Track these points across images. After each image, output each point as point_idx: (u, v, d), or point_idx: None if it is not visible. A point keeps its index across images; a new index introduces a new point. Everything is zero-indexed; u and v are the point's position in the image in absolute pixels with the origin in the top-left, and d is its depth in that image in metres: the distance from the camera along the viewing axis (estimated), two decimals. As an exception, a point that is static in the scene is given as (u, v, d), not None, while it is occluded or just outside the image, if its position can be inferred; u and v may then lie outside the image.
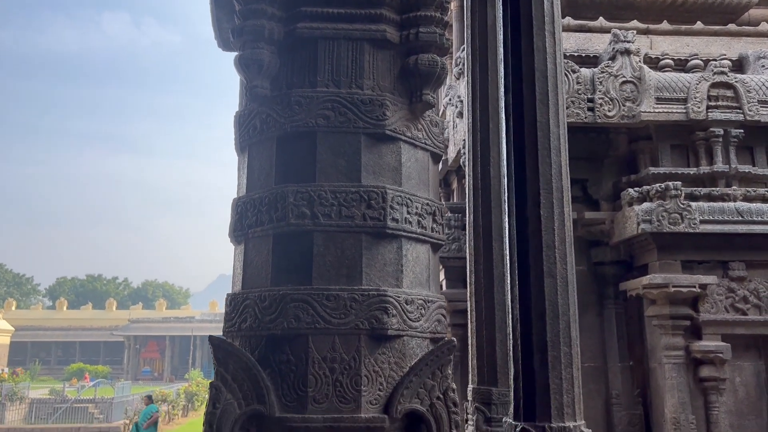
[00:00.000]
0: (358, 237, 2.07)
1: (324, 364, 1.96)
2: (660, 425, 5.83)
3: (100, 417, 24.27)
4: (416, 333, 2.07)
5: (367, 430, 1.92)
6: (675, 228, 5.61)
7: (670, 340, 5.68)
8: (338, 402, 1.94)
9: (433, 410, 1.95)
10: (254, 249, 2.18)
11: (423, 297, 2.12)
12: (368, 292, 2.02)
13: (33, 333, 53.00)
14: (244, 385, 1.94)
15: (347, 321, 1.98)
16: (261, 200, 2.15)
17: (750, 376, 5.79)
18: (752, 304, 5.71)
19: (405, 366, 2.01)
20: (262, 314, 2.03)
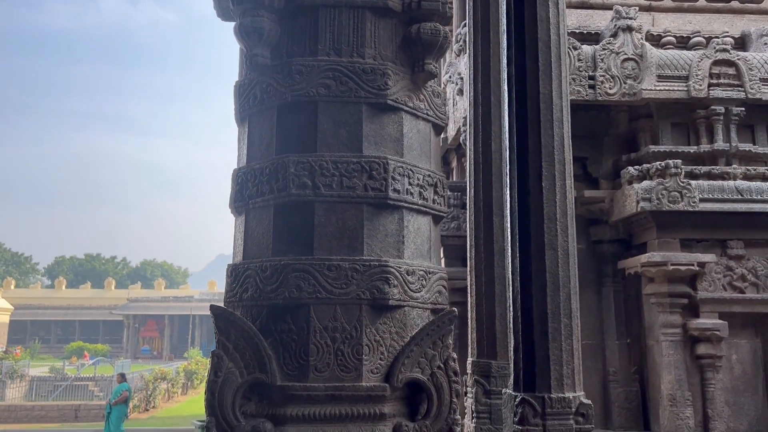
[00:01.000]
0: (360, 207, 2.07)
1: (325, 333, 1.97)
2: (656, 402, 5.88)
3: (100, 395, 24.44)
4: (417, 304, 2.07)
5: (369, 398, 1.93)
6: (674, 206, 5.61)
7: (667, 317, 5.71)
8: (340, 371, 1.95)
9: (434, 379, 1.96)
10: (255, 220, 2.17)
11: (424, 268, 2.12)
12: (369, 263, 2.02)
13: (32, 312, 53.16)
14: (246, 353, 1.95)
15: (348, 291, 1.99)
16: (262, 170, 2.14)
17: (746, 353, 5.83)
18: (750, 282, 5.73)
19: (406, 336, 2.02)
20: (263, 284, 2.03)
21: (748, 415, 5.73)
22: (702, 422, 5.62)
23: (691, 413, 5.54)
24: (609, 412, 6.14)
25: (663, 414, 5.62)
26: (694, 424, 5.55)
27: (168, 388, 26.88)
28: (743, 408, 5.73)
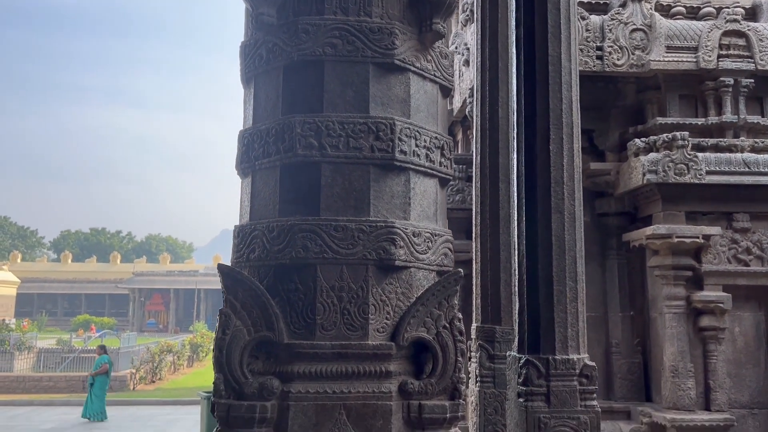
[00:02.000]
0: (366, 169, 2.07)
1: (332, 292, 1.98)
2: (658, 373, 5.92)
3: (107, 366, 24.69)
4: (423, 265, 2.08)
5: (375, 356, 1.95)
6: (681, 179, 5.58)
7: (671, 290, 5.72)
8: (346, 329, 1.97)
9: (439, 338, 1.98)
10: (261, 180, 2.17)
11: (430, 230, 2.13)
12: (376, 224, 2.02)
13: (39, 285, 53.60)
14: (253, 312, 1.96)
15: (355, 251, 1.99)
16: (268, 131, 2.14)
17: (749, 326, 5.85)
18: (755, 255, 5.73)
19: (412, 296, 2.03)
20: (270, 244, 2.04)
21: (749, 387, 5.77)
22: (703, 393, 5.66)
23: (693, 384, 5.58)
24: (611, 383, 6.19)
25: (665, 385, 5.67)
26: (695, 395, 5.59)
27: (174, 360, 27.18)
28: (745, 380, 5.77)
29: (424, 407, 1.94)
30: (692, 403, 5.55)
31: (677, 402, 5.56)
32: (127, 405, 20.61)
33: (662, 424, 5.54)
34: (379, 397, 1.92)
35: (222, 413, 1.92)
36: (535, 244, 2.26)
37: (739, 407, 5.73)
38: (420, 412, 1.94)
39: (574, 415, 2.14)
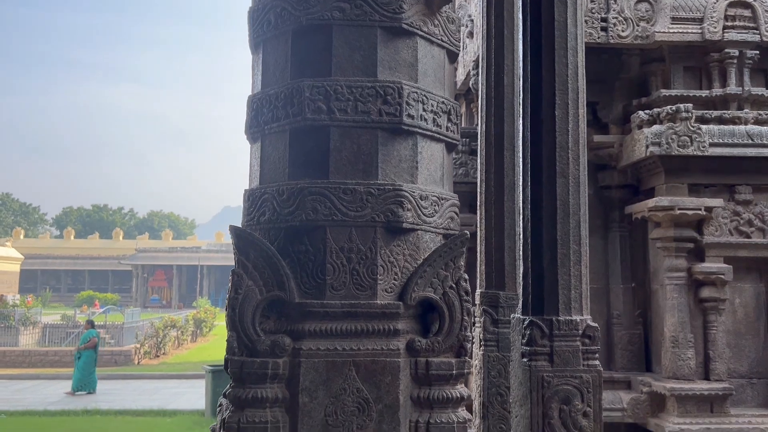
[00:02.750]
0: (374, 132, 2.09)
1: (341, 254, 2.03)
2: (659, 344, 6.00)
3: (112, 342, 24.97)
4: (430, 228, 2.12)
5: (383, 315, 2.00)
6: (684, 151, 5.60)
7: (673, 261, 5.77)
8: (355, 289, 2.01)
9: (445, 298, 2.02)
10: (271, 145, 2.20)
11: (437, 194, 2.16)
12: (384, 187, 2.06)
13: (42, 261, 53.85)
14: (265, 272, 2.01)
15: (363, 214, 2.03)
16: (277, 96, 2.16)
17: (750, 297, 5.90)
18: (756, 227, 5.76)
19: (419, 258, 2.08)
20: (280, 207, 2.08)
21: (748, 357, 5.85)
22: (703, 363, 5.74)
23: (693, 354, 5.66)
24: (612, 353, 6.27)
25: (665, 355, 5.74)
26: (695, 365, 5.67)
27: (178, 335, 27.41)
28: (744, 350, 5.84)
29: (431, 364, 1.99)
30: (692, 373, 5.63)
31: (677, 372, 5.65)
32: (132, 379, 20.86)
33: (662, 393, 5.63)
34: (387, 354, 1.98)
35: (236, 370, 1.97)
36: (540, 209, 2.30)
37: (737, 377, 5.81)
38: (427, 368, 1.99)
39: (576, 374, 2.19)
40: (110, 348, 24.01)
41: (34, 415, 14.34)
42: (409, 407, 1.98)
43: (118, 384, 19.90)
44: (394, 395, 1.95)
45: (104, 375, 20.98)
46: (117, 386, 19.42)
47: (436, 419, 1.98)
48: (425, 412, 1.99)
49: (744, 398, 5.79)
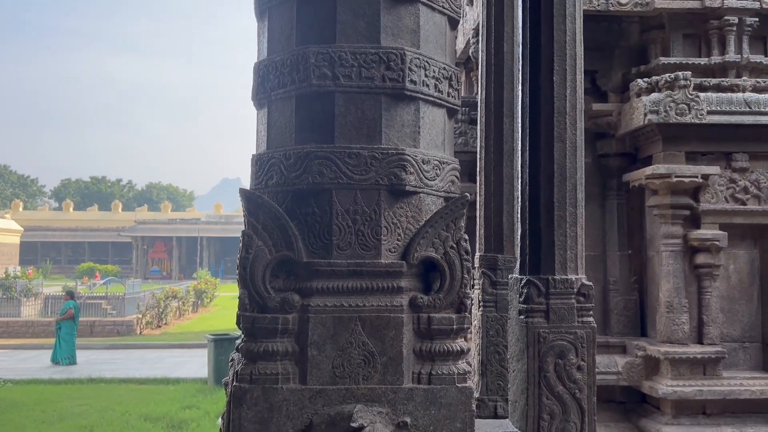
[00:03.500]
0: (378, 98, 2.16)
1: (347, 215, 2.11)
2: (654, 309, 6.13)
3: (113, 312, 25.21)
4: (432, 191, 2.20)
5: (387, 274, 2.09)
6: (682, 119, 5.65)
7: (669, 229, 5.87)
8: (360, 249, 2.10)
9: (446, 257, 2.11)
10: (277, 111, 2.27)
11: (438, 158, 2.23)
12: (387, 151, 2.13)
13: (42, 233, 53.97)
14: (274, 233, 2.09)
15: (368, 177, 2.11)
16: (283, 62, 2.22)
17: (744, 263, 6.02)
18: (752, 194, 5.85)
19: (421, 220, 2.16)
20: (287, 171, 2.15)
21: (741, 322, 5.98)
22: (697, 328, 5.88)
23: (687, 319, 5.79)
24: (608, 319, 6.41)
25: (660, 320, 5.88)
26: (689, 329, 5.80)
27: (179, 306, 27.65)
28: (737, 315, 5.98)
29: (432, 319, 2.09)
30: (685, 337, 5.77)
31: (671, 336, 5.78)
32: (134, 349, 21.13)
33: (656, 357, 5.78)
34: (391, 311, 2.07)
35: (247, 325, 2.07)
36: (538, 172, 2.38)
37: (730, 341, 5.96)
38: (429, 323, 2.09)
39: (571, 330, 2.29)
40: (112, 318, 24.27)
41: (39, 384, 14.59)
42: (412, 360, 2.08)
43: (120, 354, 20.17)
44: (398, 348, 2.05)
45: (107, 345, 21.26)
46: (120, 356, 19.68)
47: (437, 371, 2.08)
48: (427, 364, 2.09)
49: (736, 361, 5.94)
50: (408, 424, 2.02)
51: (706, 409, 5.71)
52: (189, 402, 12.66)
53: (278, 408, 2.01)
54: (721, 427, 5.62)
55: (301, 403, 2.01)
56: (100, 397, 13.29)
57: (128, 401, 12.80)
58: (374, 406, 2.01)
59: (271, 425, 2.00)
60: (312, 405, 2.01)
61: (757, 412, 5.73)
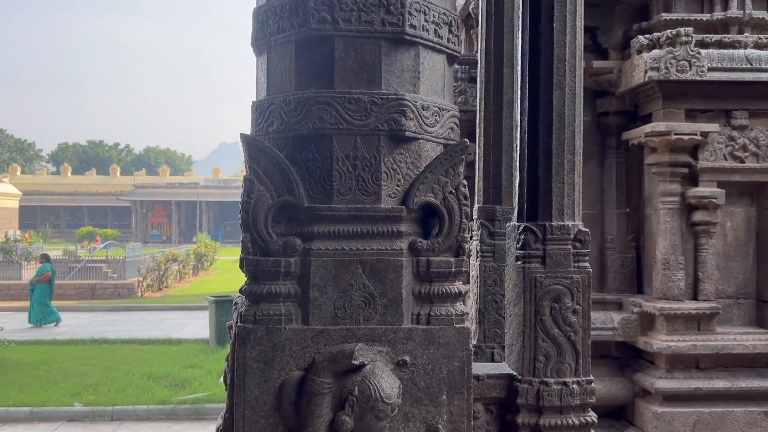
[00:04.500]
0: (378, 43, 2.15)
1: (347, 161, 2.12)
2: (650, 266, 6.19)
3: (114, 276, 25.40)
4: (431, 137, 2.21)
5: (387, 218, 2.12)
6: (682, 76, 5.63)
7: (667, 186, 5.89)
8: (361, 194, 2.12)
9: (445, 203, 2.14)
10: (277, 56, 2.26)
11: (438, 104, 2.24)
12: (387, 96, 2.13)
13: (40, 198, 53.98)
14: (275, 178, 2.11)
15: (368, 123, 2.12)
16: (282, 6, 2.21)
17: (741, 221, 6.06)
18: (751, 152, 5.86)
19: (420, 166, 2.18)
20: (288, 117, 2.16)
21: (736, 278, 6.06)
22: (692, 284, 5.95)
23: (683, 276, 5.86)
24: (605, 276, 6.48)
25: (656, 277, 5.94)
26: (684, 286, 5.88)
27: (179, 269, 27.84)
28: (732, 272, 6.05)
29: (431, 263, 2.12)
30: (681, 294, 5.85)
31: (667, 292, 5.86)
32: (136, 311, 21.36)
33: (651, 312, 5.86)
34: (391, 254, 2.11)
35: (251, 268, 2.11)
36: (537, 120, 2.39)
37: (725, 297, 6.04)
38: (428, 267, 2.13)
39: (567, 275, 2.33)
40: (113, 281, 24.46)
41: (42, 345, 14.79)
42: (411, 301, 2.13)
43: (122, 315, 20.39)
44: (398, 290, 2.09)
45: (108, 307, 21.48)
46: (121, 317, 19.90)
47: (435, 312, 2.13)
48: (426, 305, 2.14)
49: (730, 317, 6.03)
50: (407, 363, 2.08)
51: (699, 364, 5.82)
52: (191, 362, 12.87)
53: (281, 347, 2.06)
54: (713, 381, 5.74)
55: (303, 343, 2.07)
56: (104, 357, 13.49)
57: (131, 361, 13.01)
58: (375, 346, 2.06)
59: (274, 364, 2.06)
60: (314, 344, 2.06)
61: (748, 366, 5.84)
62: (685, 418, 5.69)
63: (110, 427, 9.28)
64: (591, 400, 2.40)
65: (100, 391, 10.67)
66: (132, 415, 9.68)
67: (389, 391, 1.97)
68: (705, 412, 5.69)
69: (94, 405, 9.92)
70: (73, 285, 23.68)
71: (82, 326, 17.76)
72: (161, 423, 9.50)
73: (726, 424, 5.70)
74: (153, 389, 10.69)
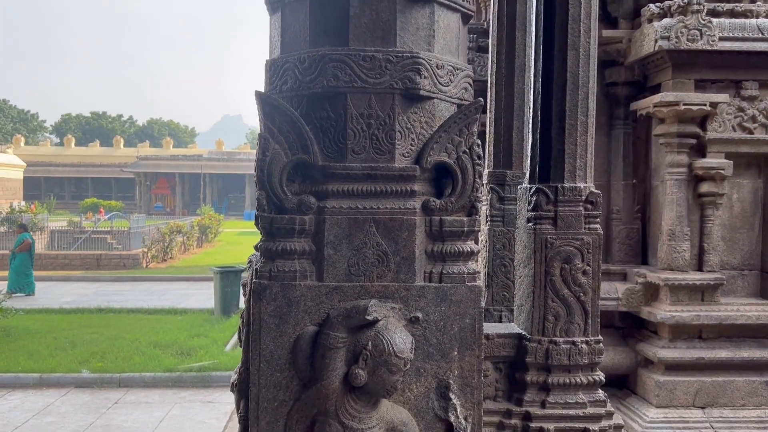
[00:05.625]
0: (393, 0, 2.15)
1: (361, 120, 2.13)
2: (656, 238, 6.21)
3: (119, 247, 25.55)
4: (445, 97, 2.21)
5: (400, 177, 2.13)
6: (693, 45, 5.58)
7: (674, 157, 5.88)
8: (375, 153, 2.13)
9: (459, 162, 2.14)
10: (291, 14, 2.26)
11: (452, 64, 2.23)
12: (402, 54, 2.13)
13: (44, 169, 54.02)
14: (290, 136, 2.12)
15: (382, 81, 2.11)
16: (297, -36, 2.20)
17: (747, 192, 6.06)
18: (760, 123, 5.83)
19: (434, 125, 2.18)
20: (302, 75, 2.16)
21: (741, 250, 6.07)
22: (697, 255, 5.97)
23: (688, 247, 5.87)
24: (610, 248, 6.50)
25: (661, 248, 5.96)
26: (689, 257, 5.90)
27: (184, 241, 27.96)
28: (738, 243, 6.06)
29: (444, 222, 2.14)
30: (686, 265, 5.87)
31: (672, 263, 5.89)
32: (141, 281, 21.53)
33: (656, 283, 5.90)
34: (404, 213, 2.12)
35: (266, 225, 2.13)
36: (551, 81, 2.38)
37: (730, 269, 6.07)
38: (441, 226, 2.14)
39: (578, 236, 2.35)
40: (118, 252, 24.61)
41: (49, 313, 14.94)
42: (424, 260, 2.15)
43: (127, 286, 20.55)
44: (411, 249, 2.11)
45: (113, 277, 21.65)
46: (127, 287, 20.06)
47: (448, 270, 2.15)
48: (438, 264, 2.16)
49: (734, 288, 6.07)
50: (419, 319, 2.11)
51: (702, 334, 5.87)
52: (197, 331, 13.02)
53: (296, 303, 2.09)
54: (716, 351, 5.79)
55: (318, 299, 2.09)
56: (110, 325, 13.64)
57: (137, 330, 13.16)
58: (388, 302, 2.09)
59: (289, 319, 2.09)
60: (328, 300, 2.09)
61: (751, 336, 5.89)
62: (686, 387, 5.76)
63: (118, 394, 9.42)
64: (599, 359, 2.43)
65: (108, 358, 10.81)
66: (139, 382, 9.83)
67: (402, 346, 2.00)
68: (707, 381, 5.76)
69: (102, 372, 10.07)
70: (79, 255, 23.85)
71: (88, 296, 17.91)
72: (168, 390, 9.64)
73: (727, 393, 5.77)
74: (159, 357, 10.83)
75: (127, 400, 9.12)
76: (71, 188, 55.16)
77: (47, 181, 54.19)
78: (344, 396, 2.01)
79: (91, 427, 7.93)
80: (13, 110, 71.21)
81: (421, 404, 2.11)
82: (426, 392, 2.12)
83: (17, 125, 69.32)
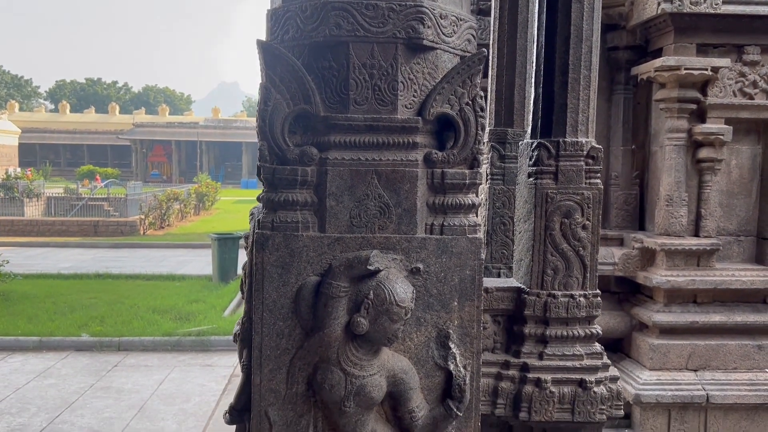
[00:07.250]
0: (396, -52, 2.11)
1: (364, 70, 2.11)
2: (653, 203, 6.23)
3: (116, 214, 25.53)
4: (448, 48, 2.18)
5: (403, 129, 2.12)
6: (696, 8, 5.53)
7: (674, 122, 5.87)
8: (377, 104, 2.11)
9: (461, 114, 2.13)
10: (293, -38, 2.22)
11: (456, 14, 2.21)
12: (405, 3, 2.10)
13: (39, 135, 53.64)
14: (292, 86, 2.10)
15: (385, 30, 2.09)
16: None
17: (746, 158, 6.07)
18: (761, 89, 5.81)
19: (437, 77, 2.16)
20: (304, 24, 2.13)
21: (738, 216, 6.11)
22: (694, 221, 6.00)
23: (686, 212, 5.90)
24: (607, 213, 6.53)
25: (659, 213, 5.99)
26: (686, 223, 5.93)
27: (181, 208, 27.93)
28: (735, 209, 6.09)
29: (446, 174, 2.14)
30: (683, 230, 5.91)
31: (669, 228, 5.92)
32: (139, 248, 21.55)
33: (652, 248, 5.94)
34: (406, 165, 2.12)
35: (268, 176, 2.13)
36: (554, 34, 2.36)
37: (726, 234, 6.11)
38: (442, 178, 2.14)
39: (579, 191, 2.36)
40: (116, 219, 24.60)
41: (48, 278, 14.99)
42: (426, 212, 2.16)
43: (125, 252, 20.59)
44: (412, 201, 2.12)
45: (111, 244, 21.67)
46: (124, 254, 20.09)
47: (449, 222, 2.16)
48: (440, 216, 2.17)
49: (730, 254, 6.11)
50: (420, 270, 2.12)
51: (696, 298, 5.93)
52: (195, 296, 13.09)
53: (299, 254, 2.10)
54: (710, 315, 5.86)
55: (320, 250, 2.10)
56: (109, 291, 13.71)
57: (136, 295, 13.22)
58: (389, 254, 2.10)
59: (292, 269, 2.10)
60: (330, 251, 2.10)
61: (745, 301, 5.96)
62: (680, 350, 5.85)
63: (117, 357, 9.52)
64: (597, 313, 2.46)
65: (107, 322, 10.89)
66: (138, 346, 9.92)
67: (403, 295, 2.02)
68: (700, 344, 5.84)
69: (101, 336, 10.15)
70: (76, 222, 23.84)
71: (86, 262, 17.95)
72: (167, 354, 9.74)
73: (719, 356, 5.86)
74: (158, 322, 10.91)
75: (126, 363, 9.22)
76: (67, 155, 54.86)
77: (42, 147, 53.86)
78: (346, 344, 2.04)
79: (92, 389, 8.03)
80: (6, 75, 70.38)
81: (422, 353, 2.14)
82: (426, 341, 2.15)
83: (11, 91, 68.59)
